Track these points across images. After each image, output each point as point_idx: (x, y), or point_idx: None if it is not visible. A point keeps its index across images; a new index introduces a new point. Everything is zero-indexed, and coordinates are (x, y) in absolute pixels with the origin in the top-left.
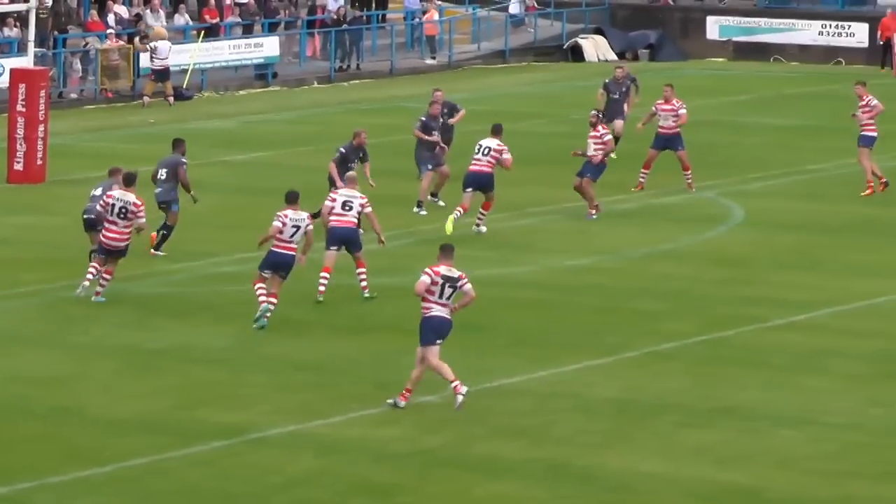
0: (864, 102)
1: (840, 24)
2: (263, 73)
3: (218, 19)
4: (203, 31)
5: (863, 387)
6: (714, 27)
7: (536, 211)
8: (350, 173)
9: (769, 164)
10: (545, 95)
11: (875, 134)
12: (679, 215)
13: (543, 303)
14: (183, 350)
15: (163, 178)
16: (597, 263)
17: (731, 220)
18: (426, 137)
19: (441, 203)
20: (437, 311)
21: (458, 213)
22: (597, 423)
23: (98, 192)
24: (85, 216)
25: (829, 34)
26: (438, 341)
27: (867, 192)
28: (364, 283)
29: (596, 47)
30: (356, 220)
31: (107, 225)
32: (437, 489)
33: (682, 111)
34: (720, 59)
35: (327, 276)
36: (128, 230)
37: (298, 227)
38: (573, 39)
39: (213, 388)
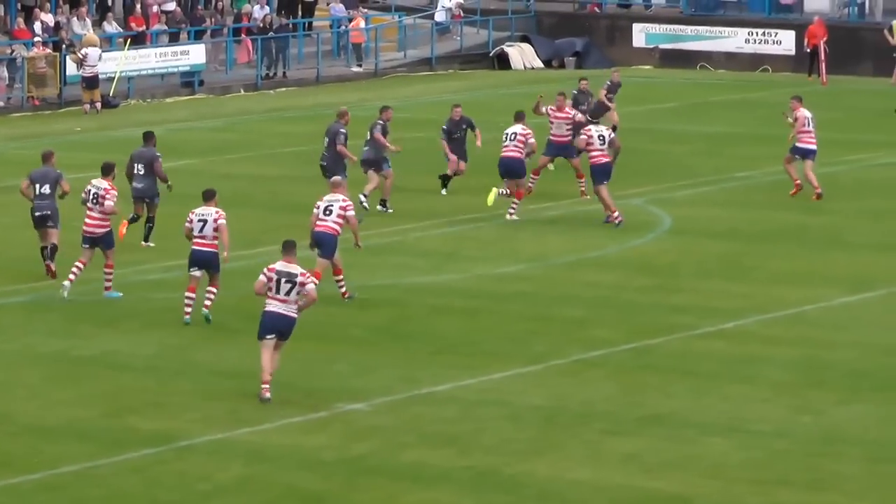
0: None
1: (767, 31)
2: (190, 81)
3: (144, 27)
4: (129, 39)
5: (791, 395)
6: (640, 35)
7: (464, 219)
8: (335, 178)
9: (696, 172)
10: (471, 103)
11: (813, 147)
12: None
13: (471, 310)
14: (111, 357)
15: (141, 172)
16: (524, 271)
17: (659, 227)
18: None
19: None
20: (272, 306)
21: (503, 192)
22: (525, 430)
23: (46, 189)
24: (36, 214)
25: (755, 42)
26: (268, 336)
27: (793, 191)
28: (343, 289)
29: (522, 55)
30: (334, 227)
31: (87, 213)
32: (366, 497)
33: (579, 117)
34: (647, 67)
35: (339, 277)
36: (105, 217)
37: (205, 221)
38: (499, 47)
39: (142, 396)
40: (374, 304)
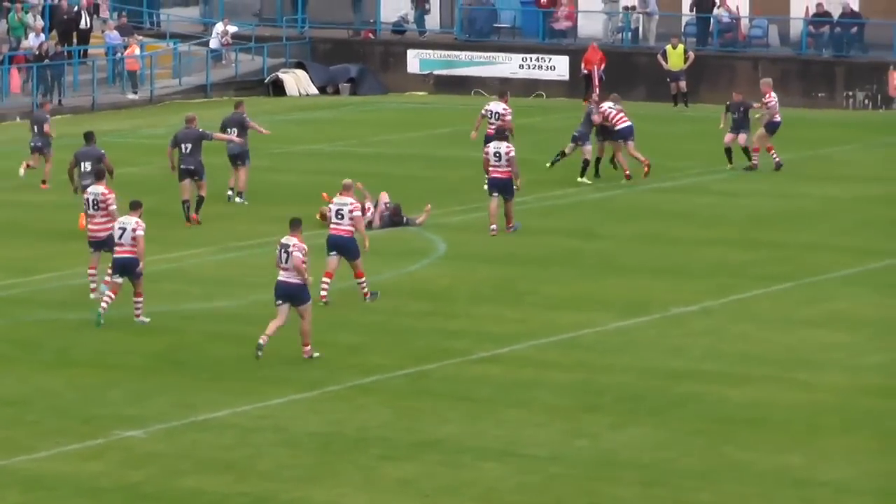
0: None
1: (541, 57)
2: None
3: None
4: None
5: (566, 419)
6: (415, 61)
7: (238, 245)
8: (345, 181)
9: (470, 198)
10: None
11: (630, 123)
12: (381, 249)
13: (247, 337)
14: None
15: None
16: None
17: (433, 253)
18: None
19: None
20: (279, 275)
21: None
22: (301, 456)
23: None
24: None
25: (529, 67)
26: (277, 302)
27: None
28: (365, 290)
29: (297, 81)
30: (350, 229)
31: (90, 218)
32: None
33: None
34: (421, 93)
35: (328, 280)
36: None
37: (124, 230)
38: (274, 74)
39: None
40: (150, 331)
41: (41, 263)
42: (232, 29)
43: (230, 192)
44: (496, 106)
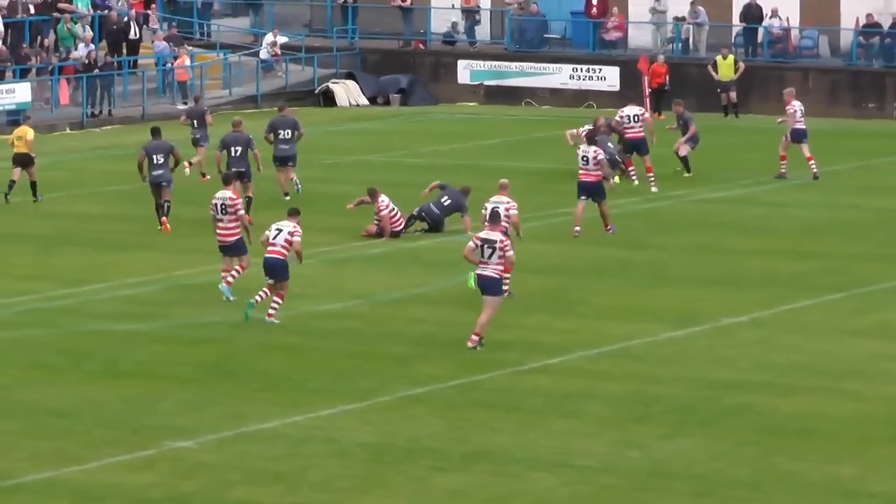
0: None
1: (591, 67)
2: (15, 119)
3: None
4: None
5: (616, 429)
6: (465, 71)
7: None
8: (501, 181)
9: (520, 208)
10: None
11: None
12: (430, 259)
13: (297, 348)
14: None
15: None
16: (349, 308)
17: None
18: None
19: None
20: (479, 269)
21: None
22: (352, 467)
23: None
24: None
25: (580, 78)
26: (484, 294)
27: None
28: (506, 288)
29: (347, 92)
30: (505, 227)
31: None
32: None
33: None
34: (471, 104)
35: (508, 276)
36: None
37: (280, 231)
38: (325, 84)
39: None
40: (200, 341)
41: (91, 274)
42: (282, 39)
43: (288, 194)
44: (631, 109)
